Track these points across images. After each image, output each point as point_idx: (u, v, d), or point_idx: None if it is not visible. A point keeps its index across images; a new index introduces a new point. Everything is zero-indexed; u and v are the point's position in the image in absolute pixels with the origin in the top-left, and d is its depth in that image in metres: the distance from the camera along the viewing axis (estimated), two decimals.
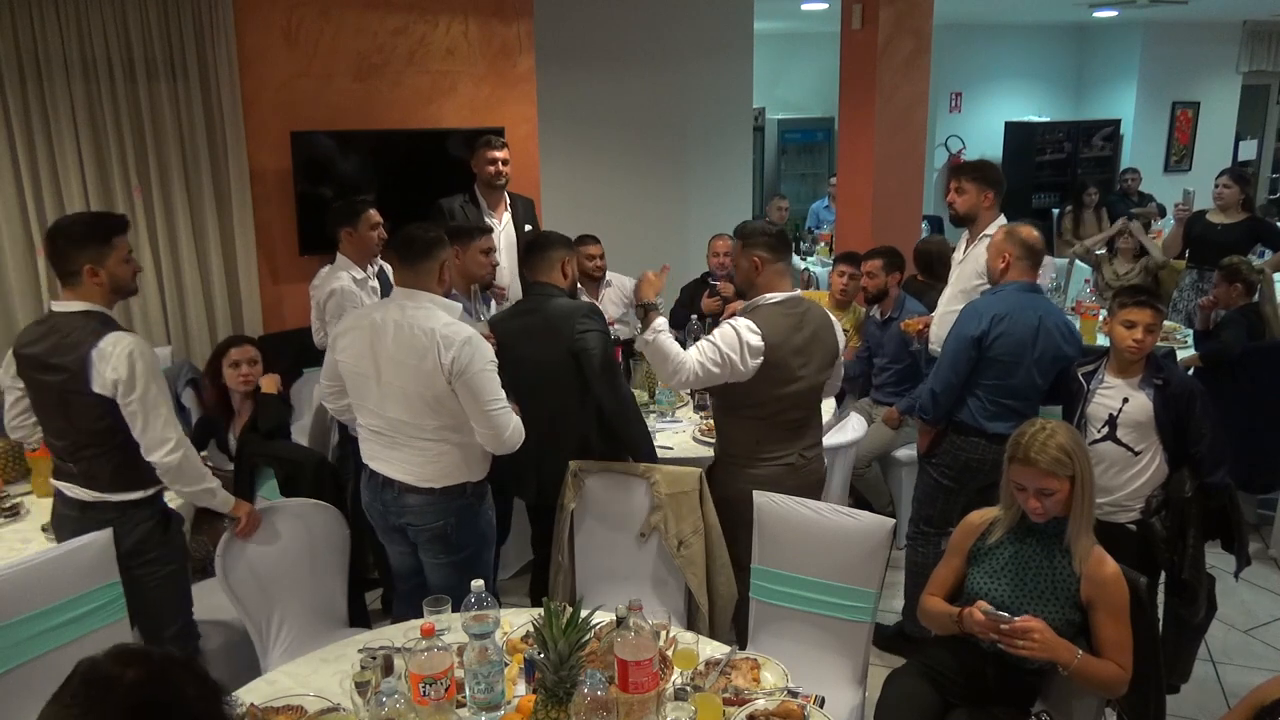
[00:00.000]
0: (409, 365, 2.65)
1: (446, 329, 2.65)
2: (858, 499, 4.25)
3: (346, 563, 2.98)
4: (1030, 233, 3.37)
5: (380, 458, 2.82)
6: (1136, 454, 3.05)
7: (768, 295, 3.00)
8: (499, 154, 4.41)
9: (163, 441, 2.53)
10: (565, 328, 3.07)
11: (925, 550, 3.52)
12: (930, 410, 3.36)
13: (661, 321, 2.93)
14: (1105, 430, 3.08)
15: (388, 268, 4.23)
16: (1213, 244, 5.59)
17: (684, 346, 2.99)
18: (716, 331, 2.93)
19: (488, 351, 2.69)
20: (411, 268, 2.74)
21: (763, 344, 2.88)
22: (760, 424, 3.00)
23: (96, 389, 2.48)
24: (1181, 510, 3.02)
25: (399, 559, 2.97)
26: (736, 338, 2.87)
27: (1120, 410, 3.06)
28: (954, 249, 4.33)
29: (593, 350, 3.06)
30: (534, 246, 3.27)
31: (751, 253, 3.01)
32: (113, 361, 2.47)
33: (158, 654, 1.20)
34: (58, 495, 2.70)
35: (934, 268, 4.75)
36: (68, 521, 2.66)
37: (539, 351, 3.12)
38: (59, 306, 2.57)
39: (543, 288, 3.20)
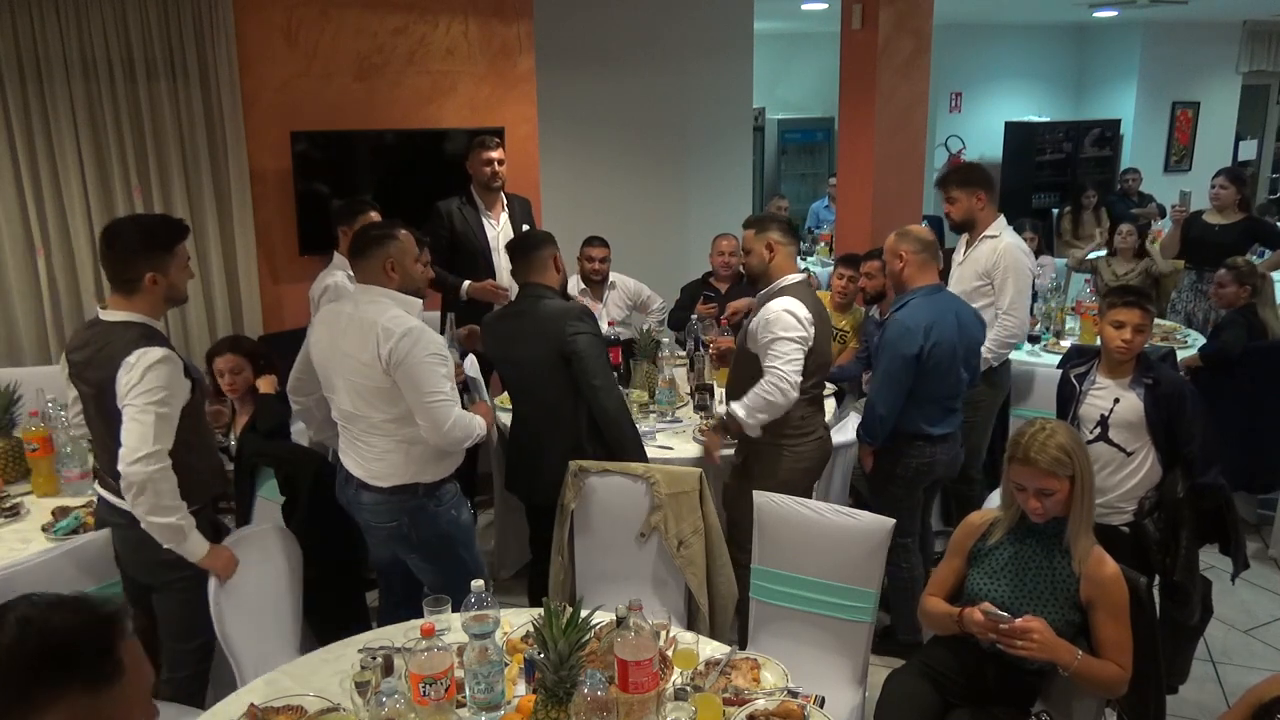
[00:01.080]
0: (353, 356, 2.68)
1: (390, 321, 2.64)
2: (857, 499, 4.25)
3: (299, 584, 2.81)
4: (921, 229, 3.43)
5: (343, 451, 2.88)
6: (1129, 454, 3.06)
7: (788, 277, 3.17)
8: (493, 154, 4.40)
9: (133, 450, 2.37)
10: (554, 329, 3.08)
11: (908, 561, 3.52)
12: (879, 433, 3.37)
13: (733, 406, 3.16)
14: (1097, 431, 3.09)
15: None
16: (1211, 244, 5.59)
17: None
18: (774, 328, 3.05)
19: (431, 344, 2.66)
20: (357, 264, 2.80)
21: (809, 314, 3.07)
22: (801, 400, 3.15)
23: (118, 404, 2.43)
24: (1174, 512, 3.02)
25: (374, 551, 3.02)
26: (795, 319, 3.04)
27: (1111, 410, 3.07)
28: (953, 250, 4.34)
29: (583, 353, 3.06)
30: (522, 248, 3.27)
31: (766, 236, 3.17)
32: (133, 372, 2.41)
33: (6, 606, 1.19)
34: (101, 502, 2.66)
35: None
36: (117, 530, 2.61)
37: (529, 353, 3.15)
38: (106, 315, 2.54)
39: (534, 288, 3.20)
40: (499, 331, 3.29)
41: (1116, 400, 3.07)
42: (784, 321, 3.05)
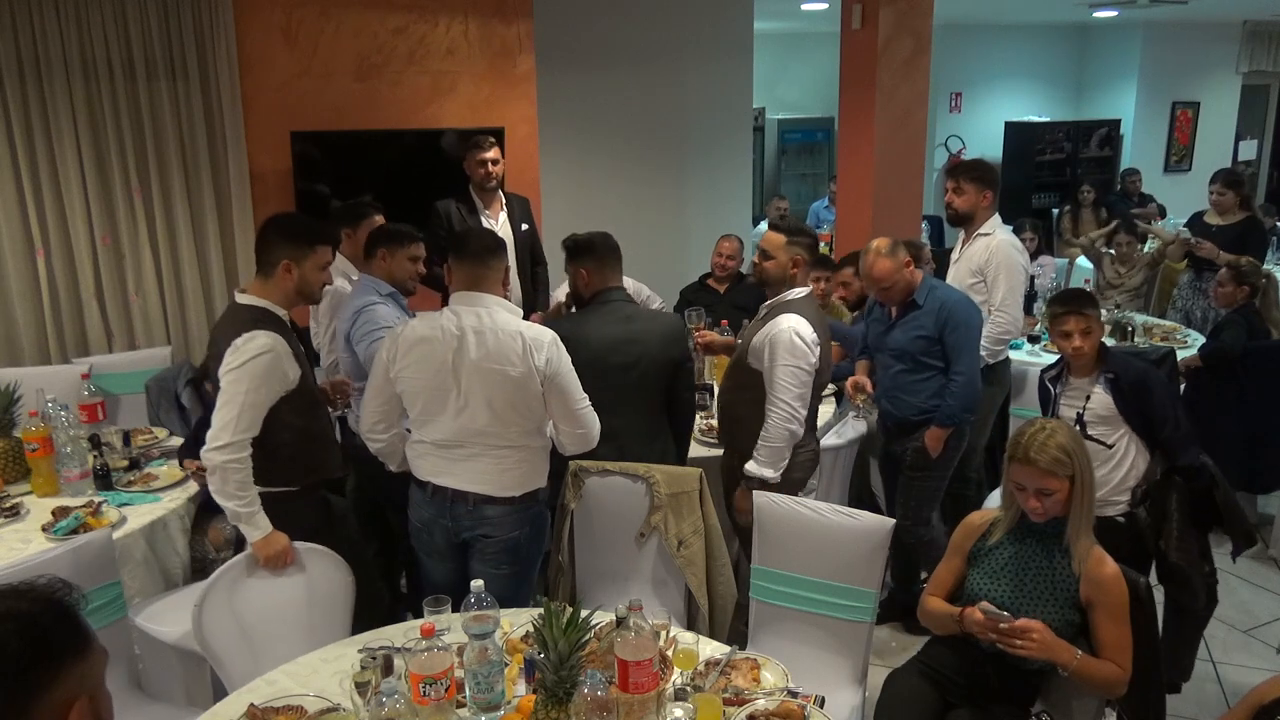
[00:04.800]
0: (497, 371, 2.57)
1: (531, 331, 2.61)
2: (859, 500, 4.23)
3: (349, 619, 2.68)
4: (884, 239, 3.51)
5: (450, 472, 2.68)
6: (1110, 447, 3.11)
7: (797, 290, 3.12)
8: (487, 155, 4.40)
9: (215, 435, 2.50)
10: (678, 335, 3.19)
11: (927, 532, 3.65)
12: (975, 407, 3.52)
13: (751, 468, 3.08)
14: (1076, 430, 3.11)
15: None
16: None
17: None
18: (781, 352, 2.99)
19: (566, 351, 2.68)
20: (472, 270, 2.67)
21: (815, 335, 3.03)
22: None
23: (219, 378, 2.56)
24: (1158, 493, 3.05)
25: (443, 576, 2.81)
26: (803, 344, 2.98)
27: (1085, 408, 3.14)
28: (950, 249, 4.36)
29: (690, 359, 3.29)
30: (599, 249, 3.15)
31: (795, 251, 3.11)
32: (237, 354, 2.52)
33: None
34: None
35: None
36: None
37: (649, 355, 3.05)
38: (241, 298, 2.68)
39: (619, 292, 3.15)
40: (609, 334, 3.07)
41: (1088, 397, 3.14)
42: (793, 347, 2.97)
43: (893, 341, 3.55)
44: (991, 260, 3.92)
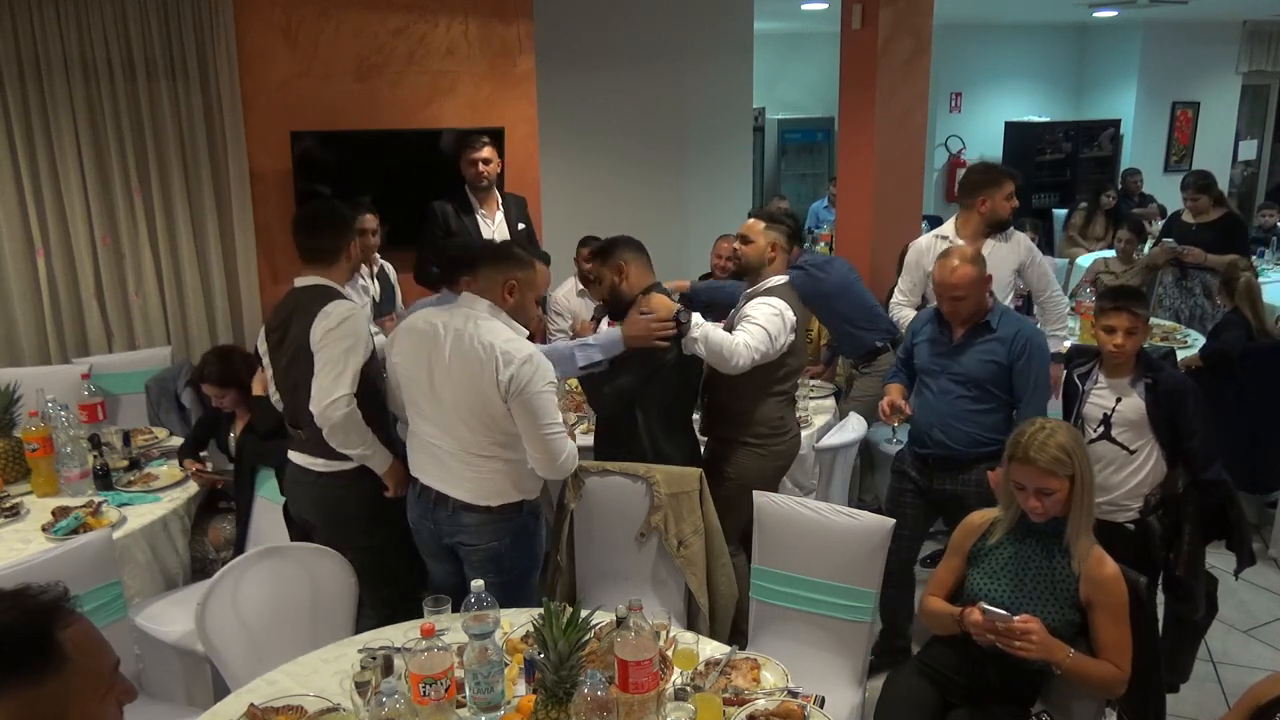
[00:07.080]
0: (464, 378, 2.55)
1: (507, 344, 2.54)
2: (862, 505, 4.23)
3: (351, 618, 2.68)
4: (967, 250, 3.41)
5: (432, 473, 2.69)
6: (1131, 453, 3.06)
7: (777, 277, 3.19)
8: (479, 154, 4.39)
9: (327, 394, 2.63)
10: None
11: None
12: None
13: (697, 316, 2.99)
14: (1100, 430, 3.09)
15: (388, 266, 4.24)
16: (1190, 244, 5.68)
17: None
18: (755, 314, 3.05)
19: (548, 372, 2.57)
20: (475, 276, 2.68)
21: (794, 319, 3.09)
22: (781, 400, 3.21)
23: (312, 348, 2.69)
24: (1176, 507, 3.03)
25: (443, 577, 2.82)
26: (780, 318, 3.04)
27: (1114, 410, 3.08)
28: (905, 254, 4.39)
29: None
30: (633, 241, 3.13)
31: (774, 236, 3.19)
32: (329, 319, 2.68)
33: None
34: (291, 466, 2.90)
35: None
36: (300, 488, 2.89)
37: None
38: (301, 281, 2.85)
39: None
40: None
41: (1119, 399, 3.08)
42: (765, 313, 3.06)
43: (960, 366, 3.20)
44: (1031, 254, 4.04)
